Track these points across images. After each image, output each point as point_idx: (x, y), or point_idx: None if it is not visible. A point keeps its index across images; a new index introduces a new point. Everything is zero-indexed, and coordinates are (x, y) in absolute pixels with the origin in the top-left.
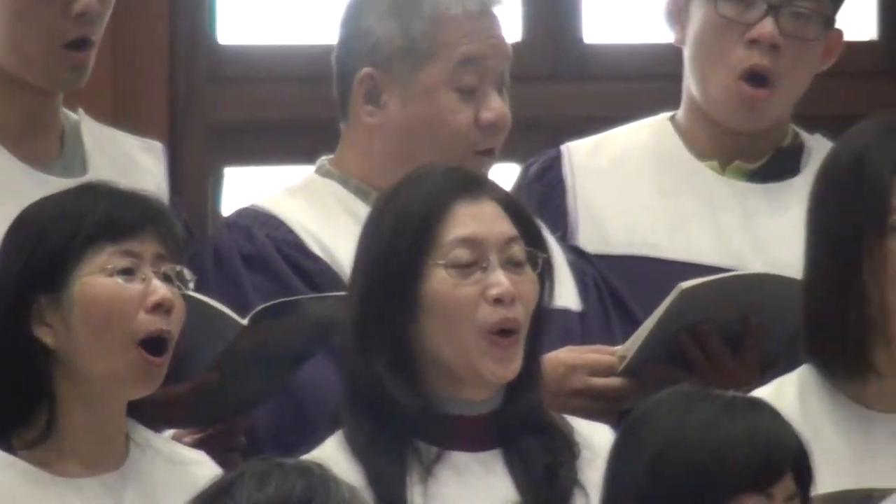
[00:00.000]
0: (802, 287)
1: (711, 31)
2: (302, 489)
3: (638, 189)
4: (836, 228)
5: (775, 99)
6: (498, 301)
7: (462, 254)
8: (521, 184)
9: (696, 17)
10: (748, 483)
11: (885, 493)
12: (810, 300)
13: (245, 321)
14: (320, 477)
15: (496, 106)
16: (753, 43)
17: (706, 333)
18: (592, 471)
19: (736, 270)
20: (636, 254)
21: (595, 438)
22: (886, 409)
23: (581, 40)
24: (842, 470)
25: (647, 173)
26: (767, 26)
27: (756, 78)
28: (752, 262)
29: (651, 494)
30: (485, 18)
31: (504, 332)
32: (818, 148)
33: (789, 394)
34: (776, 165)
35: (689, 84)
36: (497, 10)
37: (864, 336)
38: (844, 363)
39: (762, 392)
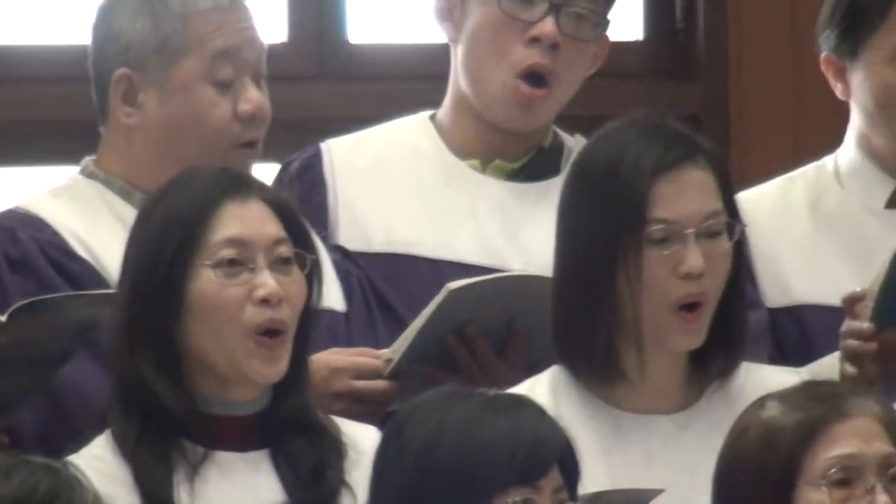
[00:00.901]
0: (552, 289)
1: (491, 28)
2: (46, 487)
3: (398, 187)
4: (589, 233)
5: (551, 99)
6: (264, 302)
7: (228, 254)
8: (282, 182)
9: (475, 13)
10: (515, 476)
11: (642, 493)
12: (560, 303)
13: (2, 317)
14: (66, 478)
15: (254, 97)
16: (534, 41)
17: (472, 334)
18: (359, 471)
19: (496, 269)
20: (397, 252)
21: (362, 439)
22: (635, 409)
23: (346, 41)
24: (593, 470)
25: (408, 171)
26: (548, 25)
27: (534, 77)
28: (512, 260)
29: (416, 493)
30: (235, 11)
31: (270, 332)
32: (578, 148)
33: (541, 393)
34: (537, 165)
35: (460, 82)
36: (247, 2)
37: (614, 341)
38: (593, 367)
39: (515, 391)
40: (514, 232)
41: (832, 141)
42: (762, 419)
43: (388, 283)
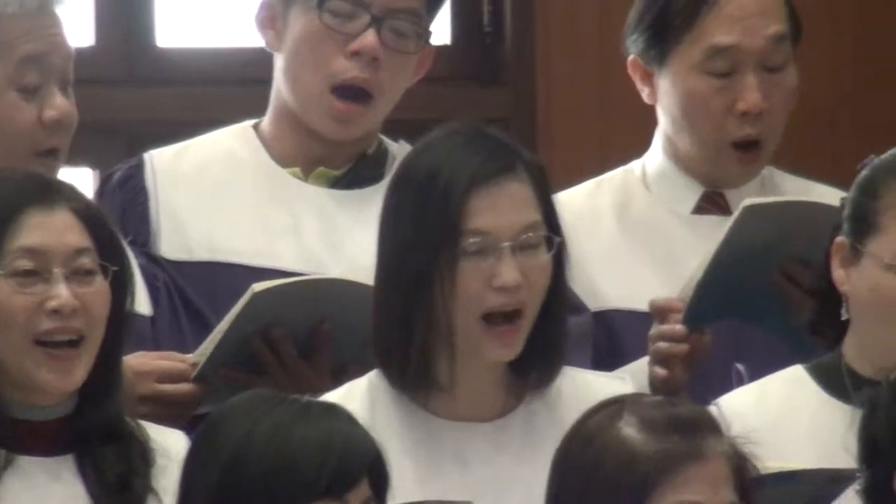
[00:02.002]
0: (373, 297)
1: (312, 40)
2: None
3: (220, 196)
4: (407, 242)
5: (371, 112)
6: (55, 313)
7: (24, 264)
8: (104, 192)
9: (297, 24)
10: (322, 489)
11: None
12: (378, 309)
13: None
14: None
15: (60, 104)
16: (354, 55)
17: (277, 337)
18: (167, 478)
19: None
20: (218, 260)
21: (170, 445)
22: (451, 416)
23: (154, 45)
24: (406, 478)
25: (231, 180)
26: (369, 38)
27: (353, 91)
28: (334, 268)
29: (225, 501)
30: (44, 16)
31: (63, 343)
32: (401, 155)
33: (358, 397)
34: (360, 172)
35: (281, 90)
36: (57, 9)
37: (429, 350)
38: (408, 375)
39: (332, 396)
40: (336, 239)
41: (639, 145)
42: (620, 437)
43: (208, 291)
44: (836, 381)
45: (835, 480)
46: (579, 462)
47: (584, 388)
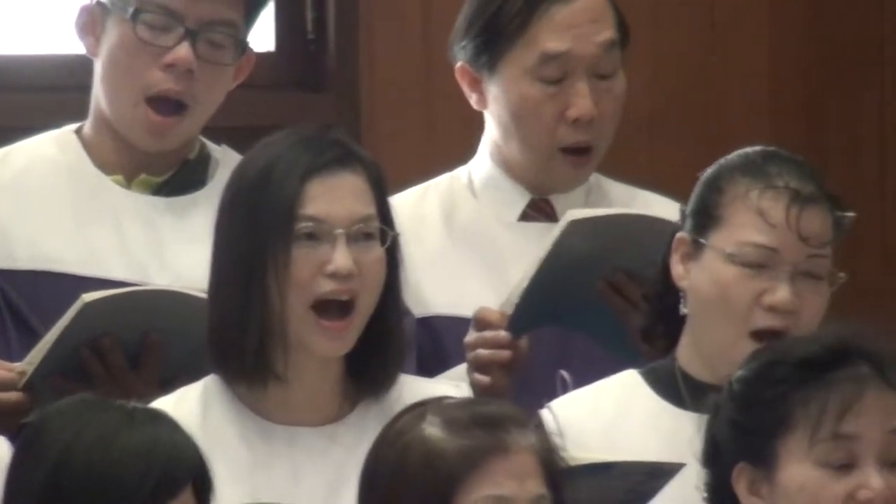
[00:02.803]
0: (208, 296)
1: (126, 50)
2: None
3: (44, 203)
4: (242, 234)
5: (187, 122)
6: None
7: None
8: None
9: (112, 33)
10: (145, 497)
11: None
12: (214, 307)
13: None
14: None
15: None
16: (169, 67)
17: (106, 347)
18: None
19: (141, 284)
20: (42, 268)
21: None
22: (284, 420)
23: None
24: (241, 480)
25: (53, 187)
26: (183, 51)
27: (168, 103)
28: (158, 275)
29: None
30: None
31: None
32: (225, 159)
33: (192, 401)
34: (183, 178)
35: (99, 97)
36: None
37: (265, 344)
38: (244, 371)
39: (165, 401)
40: (159, 247)
41: (465, 152)
42: (424, 437)
43: (32, 299)
44: (670, 385)
45: (653, 474)
46: (384, 465)
47: (420, 395)
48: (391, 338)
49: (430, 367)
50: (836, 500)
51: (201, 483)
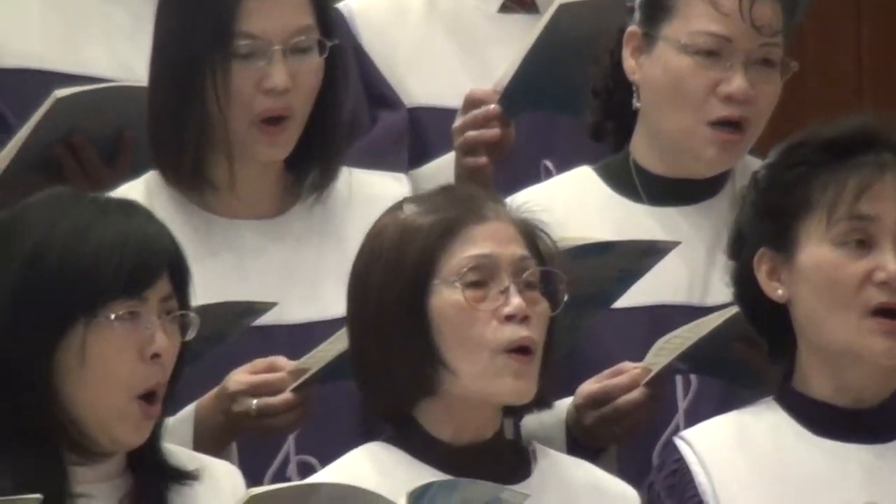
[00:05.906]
0: (147, 88)
1: None
2: None
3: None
4: (178, 44)
5: None
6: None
7: None
8: None
9: None
10: (120, 288)
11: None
12: (152, 110)
13: None
14: None
15: None
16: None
17: (79, 143)
18: None
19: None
20: (24, 66)
21: None
22: (228, 214)
23: None
24: None
25: None
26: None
27: None
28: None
29: (24, 301)
30: None
31: None
32: None
33: (136, 196)
34: None
35: None
36: None
37: (203, 152)
38: (182, 174)
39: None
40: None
41: None
42: (399, 219)
43: (16, 97)
44: (625, 179)
45: (648, 252)
46: (367, 255)
47: (359, 187)
48: (330, 139)
49: (411, 158)
50: (852, 280)
51: (178, 272)
